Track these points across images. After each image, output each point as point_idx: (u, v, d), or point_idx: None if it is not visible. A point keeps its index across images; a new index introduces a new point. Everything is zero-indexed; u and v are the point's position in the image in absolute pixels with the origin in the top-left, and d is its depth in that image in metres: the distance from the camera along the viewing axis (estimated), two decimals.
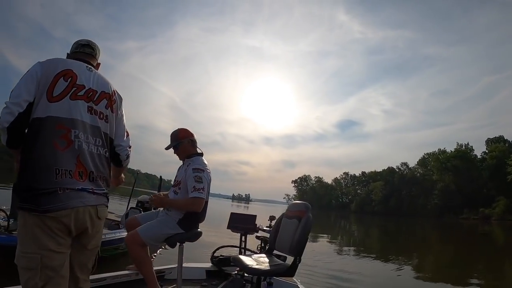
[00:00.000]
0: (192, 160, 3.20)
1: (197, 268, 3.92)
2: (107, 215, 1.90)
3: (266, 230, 4.10)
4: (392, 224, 41.09)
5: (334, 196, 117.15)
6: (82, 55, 1.91)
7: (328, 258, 10.21)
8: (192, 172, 3.04)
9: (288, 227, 3.14)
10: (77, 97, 1.71)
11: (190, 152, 3.28)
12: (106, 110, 1.84)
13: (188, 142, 3.28)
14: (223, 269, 3.94)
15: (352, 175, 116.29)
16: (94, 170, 1.73)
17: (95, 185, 1.73)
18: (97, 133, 1.78)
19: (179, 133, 3.33)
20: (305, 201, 3.16)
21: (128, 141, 2.02)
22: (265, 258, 3.15)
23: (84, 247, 1.75)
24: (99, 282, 2.97)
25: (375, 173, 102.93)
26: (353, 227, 33.70)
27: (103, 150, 1.80)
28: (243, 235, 4.20)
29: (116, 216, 7.53)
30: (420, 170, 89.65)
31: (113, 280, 3.12)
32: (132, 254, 2.98)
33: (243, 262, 2.89)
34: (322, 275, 7.39)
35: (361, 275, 7.89)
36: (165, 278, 3.61)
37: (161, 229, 3.01)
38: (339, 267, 8.52)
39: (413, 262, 11.14)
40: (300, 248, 2.84)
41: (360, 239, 20.03)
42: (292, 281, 3.74)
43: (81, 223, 1.66)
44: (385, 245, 17.14)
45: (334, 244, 15.08)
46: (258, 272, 2.88)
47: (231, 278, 3.79)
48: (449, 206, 68.81)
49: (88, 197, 1.68)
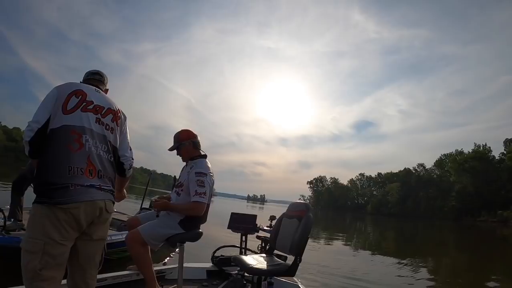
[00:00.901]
0: (196, 163, 3.18)
1: (197, 268, 3.93)
2: (114, 210, 2.07)
3: (266, 230, 4.12)
4: (409, 226, 40.46)
5: (350, 197, 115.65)
6: (92, 81, 2.24)
7: (341, 259, 10.16)
8: (194, 176, 3.04)
9: (288, 227, 3.16)
10: (87, 110, 1.98)
11: (192, 154, 3.26)
12: (112, 123, 2.09)
13: (189, 143, 3.26)
14: (223, 269, 3.96)
15: (368, 176, 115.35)
16: (102, 169, 1.95)
17: (102, 182, 1.94)
18: (103, 141, 2.01)
19: (181, 135, 3.30)
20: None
21: (132, 154, 2.23)
22: (266, 258, 3.17)
23: (90, 238, 1.92)
24: (100, 282, 3.00)
25: (392, 174, 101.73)
26: (369, 228, 33.37)
27: (108, 155, 2.02)
28: (244, 235, 4.22)
29: (127, 217, 7.20)
30: (437, 171, 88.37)
31: (114, 280, 3.16)
32: (132, 253, 3.00)
33: (244, 262, 2.92)
34: (334, 276, 7.43)
35: (375, 277, 7.85)
36: (166, 278, 3.63)
37: (162, 229, 3.03)
38: (352, 269, 8.50)
39: (429, 265, 10.95)
40: (300, 248, 2.85)
41: (375, 241, 19.83)
42: (293, 281, 3.74)
43: (90, 216, 1.87)
44: (401, 248, 16.91)
45: (348, 246, 14.98)
46: (259, 272, 2.90)
47: (231, 278, 3.81)
48: (466, 208, 67.27)
49: (96, 193, 1.89)
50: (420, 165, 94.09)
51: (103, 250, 2.05)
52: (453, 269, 10.93)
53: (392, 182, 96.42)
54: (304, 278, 6.36)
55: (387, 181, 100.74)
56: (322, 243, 14.47)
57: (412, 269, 9.36)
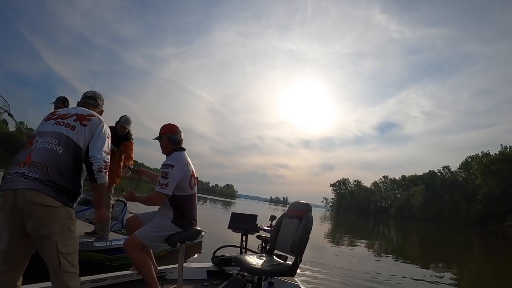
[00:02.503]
0: (169, 157, 3.18)
1: (198, 268, 3.94)
2: (44, 201, 1.88)
3: (267, 230, 4.12)
4: (433, 230, 39.64)
5: (373, 200, 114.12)
6: (84, 105, 2.42)
7: (364, 263, 9.85)
8: (161, 168, 3.06)
9: (289, 227, 3.15)
10: (51, 118, 2.19)
11: (168, 149, 3.24)
12: (75, 122, 2.15)
13: (166, 139, 3.24)
14: (224, 269, 3.96)
15: (391, 179, 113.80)
16: (38, 159, 1.95)
17: (29, 170, 1.90)
18: (55, 135, 2.06)
19: (161, 129, 3.30)
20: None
21: (105, 157, 2.15)
22: (266, 258, 3.17)
23: (32, 235, 1.91)
24: (100, 282, 3.05)
25: (416, 177, 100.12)
26: (392, 232, 32.75)
27: (57, 148, 2.02)
28: (244, 235, 4.21)
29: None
30: (463, 174, 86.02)
31: (114, 280, 3.18)
32: (132, 258, 3.03)
33: (244, 262, 2.93)
34: (355, 278, 7.41)
35: (397, 282, 7.67)
36: (166, 278, 3.64)
37: (159, 230, 3.05)
38: (374, 273, 8.29)
39: (453, 271, 10.47)
40: (301, 248, 2.86)
41: (398, 246, 19.29)
42: (293, 281, 3.72)
43: (12, 206, 1.85)
44: (425, 253, 16.37)
45: (371, 250, 14.66)
46: (259, 272, 2.90)
47: (232, 278, 3.82)
48: (492, 213, 64.94)
49: (17, 181, 1.88)
50: (445, 168, 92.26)
51: (58, 251, 1.89)
52: (479, 276, 10.52)
53: (416, 185, 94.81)
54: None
55: (411, 184, 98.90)
56: (344, 247, 14.48)
57: (435, 275, 9.11)
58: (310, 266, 7.87)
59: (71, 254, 1.95)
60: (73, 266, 1.95)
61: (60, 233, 1.90)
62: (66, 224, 1.94)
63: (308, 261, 8.23)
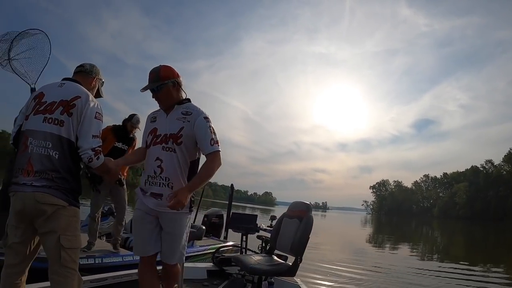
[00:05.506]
0: (188, 107, 2.46)
1: (198, 267, 3.93)
2: (52, 201, 1.98)
3: (267, 230, 4.12)
4: (479, 229, 38.46)
5: (415, 201, 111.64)
6: (76, 76, 2.33)
7: (409, 268, 9.66)
8: (205, 122, 2.38)
9: (289, 227, 3.14)
10: (38, 112, 2.10)
11: (178, 98, 2.49)
12: (62, 115, 2.07)
13: (173, 84, 2.44)
14: (224, 269, 3.94)
15: (433, 177, 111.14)
16: (41, 169, 2.00)
17: (35, 180, 1.99)
18: (48, 137, 2.04)
19: (161, 71, 2.43)
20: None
21: (93, 142, 2.09)
22: (266, 258, 3.18)
23: (40, 232, 2.04)
24: (100, 282, 3.06)
25: (458, 174, 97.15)
26: (436, 233, 32.19)
27: (53, 152, 2.03)
28: (244, 235, 4.17)
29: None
30: (507, 167, 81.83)
31: (115, 280, 3.18)
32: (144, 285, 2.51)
33: (244, 262, 2.94)
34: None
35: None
36: None
37: (183, 237, 2.43)
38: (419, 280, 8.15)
39: (502, 275, 10.06)
40: (301, 248, 2.86)
41: (443, 249, 18.63)
42: (293, 281, 3.70)
43: (22, 207, 1.99)
44: (472, 255, 15.65)
45: (415, 254, 14.23)
46: (259, 271, 2.90)
47: (232, 278, 3.82)
48: None
49: (26, 188, 1.99)
50: (488, 162, 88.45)
51: (60, 244, 1.98)
52: None
53: (459, 182, 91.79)
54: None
55: (454, 181, 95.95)
56: (387, 250, 14.55)
57: (482, 279, 8.87)
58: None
59: (73, 250, 2.04)
60: (73, 261, 2.03)
61: (64, 228, 2.00)
62: (71, 221, 2.04)
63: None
